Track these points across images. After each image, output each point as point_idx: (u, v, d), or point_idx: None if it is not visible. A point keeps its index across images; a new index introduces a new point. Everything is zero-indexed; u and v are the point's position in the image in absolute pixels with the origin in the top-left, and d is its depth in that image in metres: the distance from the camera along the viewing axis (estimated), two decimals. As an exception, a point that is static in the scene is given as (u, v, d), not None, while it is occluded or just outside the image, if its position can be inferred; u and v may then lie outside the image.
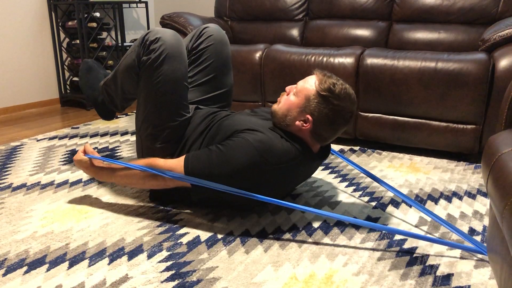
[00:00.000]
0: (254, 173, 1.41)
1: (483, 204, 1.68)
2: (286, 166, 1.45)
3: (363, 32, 2.86)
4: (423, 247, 1.38)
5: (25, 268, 1.27)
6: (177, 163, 1.47)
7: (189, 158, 1.46)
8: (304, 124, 1.48)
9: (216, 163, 1.41)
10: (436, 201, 1.72)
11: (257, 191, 1.45)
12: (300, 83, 1.51)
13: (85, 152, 1.64)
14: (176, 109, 1.62)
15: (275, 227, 1.50)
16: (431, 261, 1.29)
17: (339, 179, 1.95)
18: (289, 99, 1.51)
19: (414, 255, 1.33)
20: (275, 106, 1.56)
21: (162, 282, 1.20)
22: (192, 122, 1.67)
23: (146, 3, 3.78)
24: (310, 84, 1.48)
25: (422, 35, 2.70)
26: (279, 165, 1.43)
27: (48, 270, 1.26)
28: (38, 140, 2.53)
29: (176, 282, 1.20)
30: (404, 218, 1.57)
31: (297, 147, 1.48)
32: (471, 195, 1.77)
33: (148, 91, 1.61)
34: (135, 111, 1.75)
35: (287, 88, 1.55)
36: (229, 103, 1.92)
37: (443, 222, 1.47)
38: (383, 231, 1.47)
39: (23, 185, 1.87)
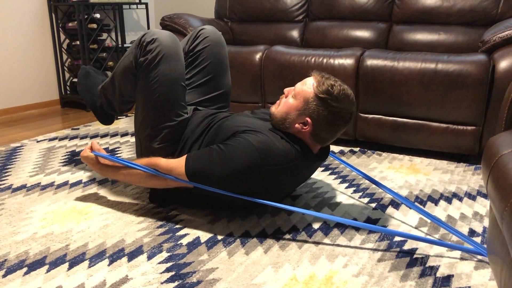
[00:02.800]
0: (255, 173, 1.41)
1: (483, 205, 1.68)
2: (287, 167, 1.45)
3: (363, 33, 2.86)
4: (423, 248, 1.38)
5: (25, 269, 1.27)
6: (178, 163, 1.47)
7: (190, 157, 1.47)
8: (304, 127, 1.48)
9: (217, 162, 1.41)
10: (436, 202, 1.72)
11: (258, 192, 1.45)
12: (298, 85, 1.51)
13: (92, 149, 1.67)
14: (174, 109, 1.62)
15: (275, 228, 1.50)
16: (431, 262, 1.29)
17: (339, 180, 1.95)
18: (288, 102, 1.51)
19: (414, 256, 1.33)
20: (273, 109, 1.56)
21: (162, 283, 1.20)
22: (191, 123, 1.67)
23: (146, 4, 3.78)
24: (308, 86, 1.48)
25: (422, 36, 2.70)
26: (279, 166, 1.43)
27: (48, 271, 1.26)
28: (38, 141, 2.53)
29: (176, 283, 1.20)
30: (404, 220, 1.57)
31: (297, 148, 1.48)
32: (471, 196, 1.77)
33: (146, 92, 1.62)
34: (134, 113, 1.74)
35: (286, 90, 1.55)
36: (227, 104, 1.92)
37: (442, 224, 1.47)
38: (383, 233, 1.47)
39: (23, 186, 1.87)
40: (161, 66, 1.59)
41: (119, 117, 3.13)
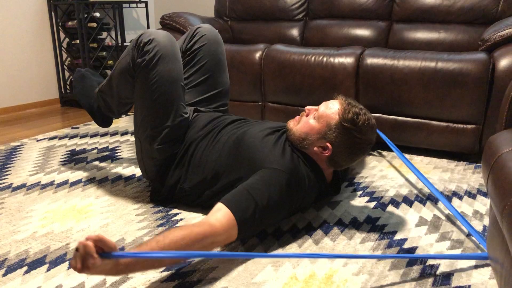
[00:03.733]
0: (286, 209, 1.42)
1: (483, 204, 1.68)
2: (308, 194, 1.50)
3: (363, 32, 2.86)
4: (423, 247, 1.38)
5: (25, 268, 1.27)
6: (226, 224, 1.23)
7: (237, 225, 1.25)
8: (323, 151, 1.47)
9: (258, 217, 1.31)
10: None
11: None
12: (322, 108, 1.47)
13: (97, 248, 0.97)
14: (173, 109, 1.62)
15: (275, 227, 1.50)
16: (431, 261, 1.29)
17: (339, 179, 1.95)
18: (309, 123, 1.48)
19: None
20: (291, 125, 1.53)
21: (162, 282, 1.20)
22: (194, 126, 1.66)
23: (146, 3, 3.78)
24: (333, 111, 1.44)
25: (422, 35, 2.70)
26: (304, 193, 1.47)
27: (48, 270, 1.26)
28: (38, 140, 2.53)
29: (176, 282, 1.20)
30: (404, 218, 1.57)
31: (315, 180, 1.51)
32: (471, 195, 1.77)
33: (144, 93, 1.61)
34: (133, 113, 1.74)
35: (307, 109, 1.52)
36: (226, 102, 1.91)
37: (459, 216, 1.47)
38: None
39: (23, 185, 1.87)
40: (159, 67, 1.58)
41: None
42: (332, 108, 1.46)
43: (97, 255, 0.95)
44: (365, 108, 1.47)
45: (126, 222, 1.54)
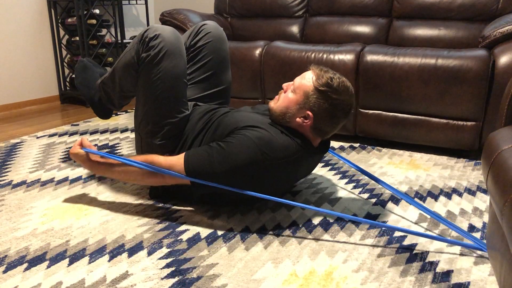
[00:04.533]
0: (256, 169, 1.41)
1: (483, 201, 1.69)
2: (287, 161, 1.45)
3: (363, 28, 2.86)
4: (422, 243, 1.38)
5: (25, 265, 1.27)
6: (176, 160, 1.46)
7: (189, 155, 1.46)
8: (305, 120, 1.48)
9: (217, 160, 1.41)
10: (436, 197, 1.72)
11: (259, 187, 1.45)
12: (297, 80, 1.51)
13: (82, 145, 1.60)
14: (175, 105, 1.62)
15: (275, 224, 1.51)
16: (430, 258, 1.30)
17: (339, 176, 1.95)
18: (287, 96, 1.51)
19: (414, 251, 1.33)
20: (272, 104, 1.56)
21: (162, 278, 1.20)
22: (191, 119, 1.67)
23: (145, 0, 3.77)
24: (307, 80, 1.48)
25: (422, 31, 2.70)
26: (280, 160, 1.43)
27: (48, 267, 1.26)
28: (38, 137, 2.53)
29: (176, 279, 1.20)
30: (403, 215, 1.58)
31: (298, 142, 1.48)
32: (471, 192, 1.77)
33: (148, 88, 1.61)
34: (134, 108, 1.74)
35: (284, 85, 1.55)
36: (227, 100, 1.92)
37: (441, 220, 1.47)
38: (383, 228, 1.47)
39: (23, 182, 1.87)
40: (164, 63, 1.58)
41: (118, 113, 3.13)
42: (306, 77, 1.49)
43: (79, 146, 1.59)
44: (338, 73, 1.50)
45: (126, 218, 1.55)
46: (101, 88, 1.87)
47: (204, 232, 1.45)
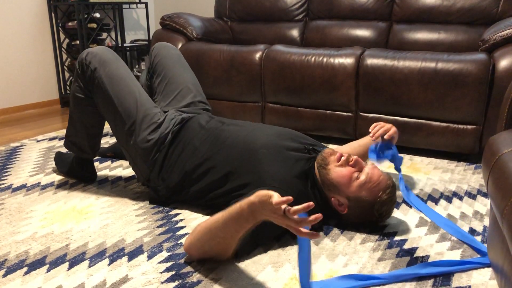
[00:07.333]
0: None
1: (483, 205, 1.68)
2: None
3: (363, 32, 2.86)
4: (423, 247, 1.38)
5: (25, 269, 1.27)
6: None
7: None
8: (339, 207, 1.45)
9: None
10: (436, 201, 1.72)
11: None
12: (370, 178, 1.40)
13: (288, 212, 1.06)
14: (135, 101, 1.66)
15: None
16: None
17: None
18: (349, 178, 1.41)
19: (414, 255, 1.33)
20: (332, 158, 1.45)
21: (162, 282, 1.20)
22: (188, 127, 1.66)
23: (146, 3, 3.78)
24: (374, 192, 1.40)
25: (422, 35, 2.70)
26: None
27: (48, 271, 1.26)
28: (38, 141, 2.53)
29: (177, 282, 1.20)
30: (404, 219, 1.57)
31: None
32: (472, 196, 1.77)
33: (105, 100, 1.66)
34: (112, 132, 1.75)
35: (358, 162, 1.43)
36: (195, 100, 1.88)
37: (450, 228, 1.46)
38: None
39: (23, 186, 1.87)
40: (105, 70, 1.67)
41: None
42: (376, 188, 1.40)
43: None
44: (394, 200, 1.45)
45: (126, 222, 1.54)
46: (69, 143, 1.85)
47: (204, 236, 1.45)
